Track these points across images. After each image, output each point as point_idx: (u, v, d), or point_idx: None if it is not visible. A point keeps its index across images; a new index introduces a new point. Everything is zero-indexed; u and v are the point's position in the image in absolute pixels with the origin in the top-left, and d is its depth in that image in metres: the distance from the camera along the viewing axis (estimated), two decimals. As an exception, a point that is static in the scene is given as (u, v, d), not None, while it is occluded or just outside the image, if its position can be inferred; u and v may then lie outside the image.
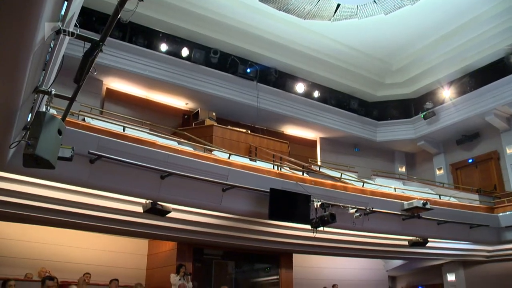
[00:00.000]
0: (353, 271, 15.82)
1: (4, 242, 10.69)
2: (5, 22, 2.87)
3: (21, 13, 2.81)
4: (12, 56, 3.27)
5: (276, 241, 11.00)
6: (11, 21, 2.88)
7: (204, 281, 12.03)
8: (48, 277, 7.49)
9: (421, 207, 10.13)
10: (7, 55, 3.27)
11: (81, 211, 8.54)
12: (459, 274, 15.30)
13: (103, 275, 10.68)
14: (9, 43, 3.11)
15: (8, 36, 3.03)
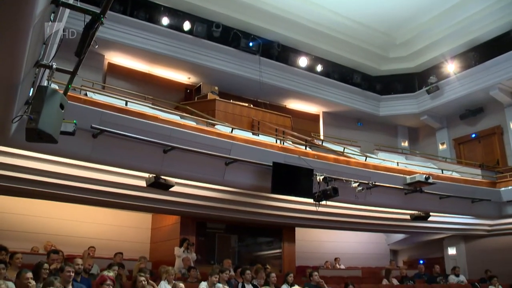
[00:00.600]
0: (355, 245, 15.97)
1: (11, 216, 10.82)
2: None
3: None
4: (11, 29, 3.24)
5: (279, 214, 11.07)
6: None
7: (207, 255, 12.18)
8: (53, 251, 7.62)
9: (423, 181, 10.14)
10: (6, 28, 3.24)
11: (85, 186, 8.59)
12: (459, 248, 15.45)
13: (107, 248, 10.81)
14: (9, 15, 3.08)
15: (7, 8, 3.00)
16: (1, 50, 3.54)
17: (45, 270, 6.12)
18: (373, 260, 15.92)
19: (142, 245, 12.59)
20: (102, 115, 6.96)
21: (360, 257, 15.67)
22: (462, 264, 14.68)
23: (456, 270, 12.61)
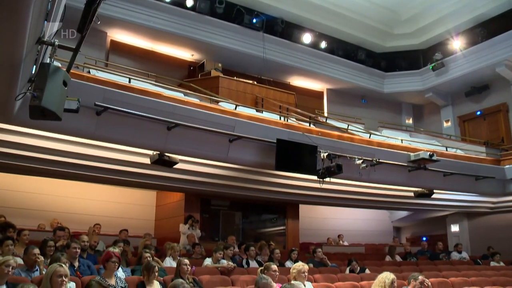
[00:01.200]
0: (359, 222, 16.07)
1: (18, 194, 10.93)
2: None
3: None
4: (12, 4, 3.21)
5: (283, 191, 11.11)
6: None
7: (211, 231, 12.28)
8: (59, 228, 7.71)
9: (427, 158, 10.11)
10: (7, 3, 3.20)
11: (89, 163, 8.63)
12: (462, 225, 15.52)
13: (112, 226, 10.92)
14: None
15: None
16: (3, 26, 3.51)
17: (50, 247, 6.20)
18: (377, 237, 16.05)
19: (147, 222, 12.71)
20: (105, 93, 6.93)
21: (364, 234, 15.79)
22: (465, 241, 14.77)
23: (459, 247, 12.69)
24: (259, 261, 8.34)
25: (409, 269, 9.17)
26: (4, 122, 6.70)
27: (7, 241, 6.04)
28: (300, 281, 5.58)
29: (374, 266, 9.33)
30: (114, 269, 5.38)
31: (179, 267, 5.89)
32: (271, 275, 5.59)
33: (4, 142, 7.56)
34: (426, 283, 6.33)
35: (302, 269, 5.96)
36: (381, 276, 5.77)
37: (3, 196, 10.79)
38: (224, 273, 7.09)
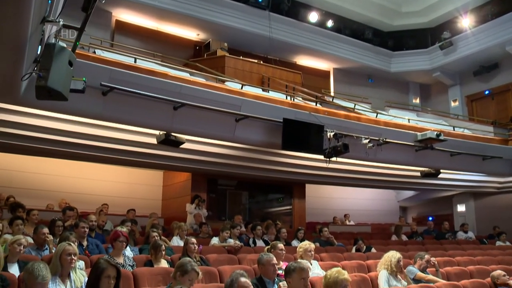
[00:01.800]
0: (365, 201, 16.09)
1: (26, 175, 11.02)
2: None
3: None
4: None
5: (289, 171, 11.13)
6: None
7: (218, 211, 12.35)
8: (68, 207, 7.77)
9: (434, 138, 10.05)
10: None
11: (96, 144, 8.67)
12: (469, 205, 15.51)
13: (120, 206, 11.00)
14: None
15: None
16: (7, 5, 3.49)
17: (59, 227, 6.26)
18: (383, 216, 16.09)
19: (154, 202, 12.80)
20: (111, 73, 6.91)
21: (370, 214, 15.83)
22: (471, 221, 14.77)
23: (465, 226, 12.69)
24: (266, 240, 8.39)
25: (415, 248, 9.20)
26: (11, 103, 6.72)
27: (17, 220, 6.12)
28: (306, 260, 5.61)
29: (380, 245, 9.37)
30: (122, 248, 5.43)
31: (186, 246, 5.93)
32: (278, 254, 5.63)
33: (12, 123, 7.59)
34: (432, 261, 6.37)
35: (309, 248, 5.99)
36: (387, 255, 5.79)
37: (12, 177, 10.90)
38: (231, 252, 7.14)
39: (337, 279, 3.99)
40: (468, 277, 6.74)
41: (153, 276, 4.94)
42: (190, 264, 3.98)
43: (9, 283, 3.90)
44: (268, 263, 4.64)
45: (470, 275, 7.02)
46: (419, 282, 5.82)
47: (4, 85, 5.65)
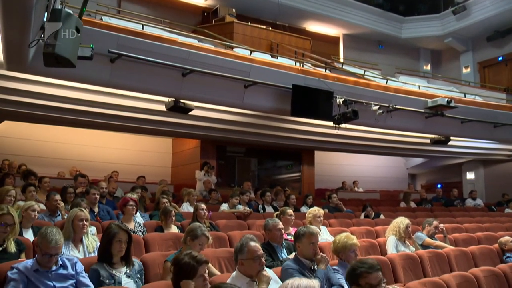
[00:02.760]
0: (374, 169, 16.10)
1: (37, 143, 11.12)
2: None
3: None
4: None
5: (298, 137, 11.12)
6: None
7: (227, 178, 12.44)
8: (80, 174, 7.84)
9: (445, 105, 9.93)
10: None
11: (106, 111, 8.68)
12: (478, 172, 15.46)
13: (130, 173, 11.11)
14: None
15: None
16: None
17: (70, 193, 6.33)
18: (392, 183, 16.11)
19: (163, 169, 12.90)
20: (119, 39, 6.83)
21: (379, 181, 15.86)
22: (480, 189, 14.76)
23: (473, 193, 12.69)
24: (275, 206, 8.45)
25: (423, 215, 9.23)
26: (19, 71, 6.71)
27: (30, 187, 6.20)
28: (315, 225, 5.64)
29: (389, 212, 9.42)
30: (132, 213, 5.50)
31: (196, 212, 5.99)
32: (287, 220, 5.68)
33: (21, 92, 7.61)
34: (440, 228, 6.39)
35: (318, 214, 6.02)
36: (396, 221, 5.81)
37: (23, 145, 11.01)
38: (240, 218, 7.21)
39: (346, 244, 4.02)
40: (476, 243, 6.77)
41: (163, 241, 5.01)
42: (200, 229, 4.02)
43: (25, 247, 3.99)
44: (275, 228, 4.67)
45: (478, 242, 7.05)
46: (427, 248, 5.86)
47: (11, 53, 5.64)
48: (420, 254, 5.26)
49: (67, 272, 3.30)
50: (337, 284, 3.69)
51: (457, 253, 5.65)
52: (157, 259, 4.02)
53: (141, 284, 3.46)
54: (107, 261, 3.48)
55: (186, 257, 2.92)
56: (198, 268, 2.87)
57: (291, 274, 3.35)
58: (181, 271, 2.87)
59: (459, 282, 4.30)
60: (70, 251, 4.04)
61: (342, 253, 4.06)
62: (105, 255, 3.50)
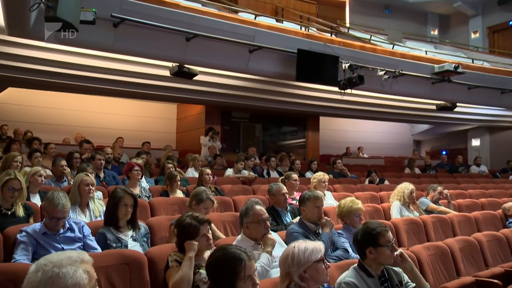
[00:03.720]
0: (379, 135, 16.07)
1: (42, 110, 11.12)
2: None
3: None
4: None
5: (303, 103, 11.07)
6: None
7: (232, 143, 12.46)
8: (85, 140, 7.86)
9: (452, 70, 9.82)
10: None
11: (110, 77, 8.65)
12: (484, 139, 15.41)
13: (135, 139, 11.13)
14: None
15: None
16: None
17: (76, 159, 6.36)
18: (396, 150, 16.11)
19: (168, 135, 12.92)
20: (122, 3, 6.72)
21: (383, 147, 15.85)
22: (485, 155, 14.73)
23: (478, 160, 12.67)
24: (280, 171, 8.47)
25: (428, 181, 9.25)
26: (21, 36, 6.66)
27: (36, 153, 6.23)
28: (320, 190, 5.65)
29: (393, 178, 9.44)
30: (138, 178, 5.52)
31: (201, 176, 6.01)
32: (292, 184, 5.69)
33: (23, 58, 7.58)
34: (444, 193, 6.40)
35: (323, 179, 6.03)
36: (400, 186, 5.82)
37: (28, 112, 11.03)
38: (245, 183, 7.24)
39: (350, 208, 4.04)
40: (480, 209, 6.81)
41: (169, 205, 5.04)
42: (205, 193, 4.04)
43: (33, 211, 4.03)
44: (278, 193, 4.68)
45: (481, 207, 7.08)
46: (431, 213, 5.88)
47: (13, 18, 5.58)
48: (424, 219, 5.29)
49: (74, 235, 3.34)
50: (341, 247, 3.73)
51: (461, 218, 5.69)
52: (163, 222, 4.05)
53: (148, 247, 3.49)
54: (114, 225, 3.51)
55: (188, 218, 2.94)
56: (200, 228, 2.89)
57: (296, 237, 3.37)
58: (184, 232, 2.89)
59: (462, 246, 4.35)
60: (77, 216, 4.07)
61: (347, 217, 4.08)
62: (111, 219, 3.53)
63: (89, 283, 1.45)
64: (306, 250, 2.40)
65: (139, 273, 2.94)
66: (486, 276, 3.91)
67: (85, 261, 1.48)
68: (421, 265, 3.73)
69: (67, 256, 1.47)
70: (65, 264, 1.43)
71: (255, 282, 2.04)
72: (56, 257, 1.46)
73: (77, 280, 1.41)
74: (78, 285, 1.41)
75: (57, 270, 1.40)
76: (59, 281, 1.39)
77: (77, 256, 1.47)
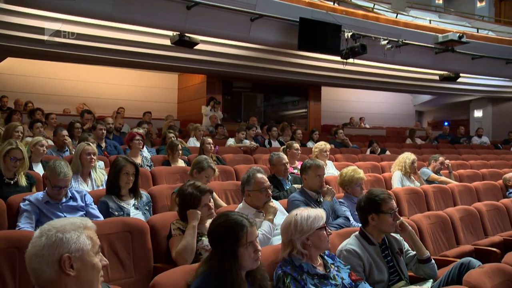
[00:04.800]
0: (381, 105, 16.01)
1: (43, 80, 11.06)
2: None
3: None
4: None
5: (305, 73, 11.00)
6: None
7: (233, 113, 12.43)
8: (86, 111, 7.86)
9: (456, 40, 9.70)
10: None
11: (110, 46, 8.58)
12: (486, 110, 15.34)
13: (136, 109, 11.09)
14: None
15: None
16: None
17: (77, 129, 6.35)
18: (398, 120, 16.08)
19: (169, 105, 12.88)
20: (119, -30, 6.62)
21: (385, 117, 15.82)
22: (487, 127, 14.69)
23: (479, 130, 12.65)
24: (281, 141, 8.46)
25: (429, 151, 9.25)
26: (19, 4, 6.56)
27: (37, 123, 6.23)
28: (321, 160, 5.66)
29: (395, 148, 9.45)
30: (139, 148, 5.52)
31: (202, 146, 6.01)
32: (293, 154, 5.69)
33: (22, 27, 7.49)
34: (446, 164, 6.41)
35: (324, 148, 6.03)
36: (402, 156, 5.83)
37: (28, 82, 10.98)
38: (247, 152, 7.25)
39: (352, 178, 4.04)
40: (480, 180, 6.84)
41: (170, 174, 5.06)
42: (206, 161, 4.05)
43: (35, 180, 4.04)
44: (279, 163, 4.67)
45: (482, 178, 7.11)
46: (432, 183, 5.91)
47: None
48: (424, 188, 5.31)
49: (76, 204, 3.36)
50: (342, 215, 3.75)
51: (461, 188, 5.71)
52: (165, 191, 4.07)
53: (150, 215, 3.52)
54: (116, 194, 3.52)
55: (189, 187, 2.95)
56: (202, 198, 2.90)
57: (297, 205, 3.38)
58: (185, 201, 2.90)
59: (462, 216, 4.38)
60: (79, 185, 4.08)
61: (348, 186, 4.09)
62: (113, 188, 3.54)
63: (92, 248, 1.47)
64: (309, 218, 2.42)
65: (142, 241, 2.97)
66: (485, 245, 3.95)
67: (88, 227, 1.50)
68: (421, 234, 3.76)
69: (71, 222, 1.49)
70: (69, 229, 1.45)
71: (257, 248, 2.05)
72: (59, 223, 1.48)
73: (80, 246, 1.43)
74: (82, 250, 1.43)
75: (60, 235, 1.42)
76: (63, 246, 1.41)
77: (80, 222, 1.49)
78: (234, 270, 1.99)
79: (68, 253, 1.41)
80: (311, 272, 2.36)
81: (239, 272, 2.01)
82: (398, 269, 2.78)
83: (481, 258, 2.97)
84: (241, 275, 2.01)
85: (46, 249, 1.41)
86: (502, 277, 2.42)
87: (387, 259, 2.78)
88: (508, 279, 2.44)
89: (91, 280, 1.45)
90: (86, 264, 1.44)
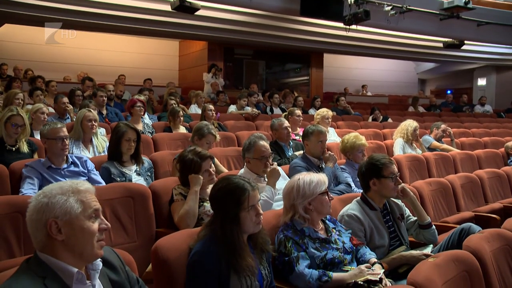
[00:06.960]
0: (383, 73, 15.89)
1: (42, 48, 10.92)
2: None
3: None
4: None
5: (307, 39, 10.88)
6: None
7: (235, 80, 12.38)
8: (87, 78, 7.82)
9: (462, 6, 9.52)
10: None
11: (109, 12, 8.51)
12: (490, 79, 15.20)
13: (137, 76, 11.04)
14: None
15: None
16: None
17: (79, 96, 6.32)
18: (401, 88, 15.98)
19: (170, 72, 12.81)
20: None
21: (388, 85, 15.72)
22: (491, 95, 14.60)
23: (482, 99, 12.56)
24: (283, 108, 8.44)
25: (431, 119, 9.20)
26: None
27: (37, 91, 6.22)
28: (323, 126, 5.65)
29: (397, 116, 9.41)
30: (140, 114, 5.50)
31: (204, 112, 6.00)
32: (295, 120, 5.68)
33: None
34: (448, 131, 6.39)
35: (326, 115, 6.01)
36: (404, 123, 5.80)
37: (28, 50, 10.88)
38: (248, 119, 7.24)
39: (354, 144, 4.03)
40: (482, 147, 6.84)
41: (172, 141, 5.06)
42: (207, 128, 4.04)
43: (36, 147, 4.05)
44: (281, 127, 4.68)
45: (484, 146, 7.10)
46: (433, 150, 5.90)
47: None
48: (426, 156, 5.31)
49: (78, 170, 3.36)
50: (344, 182, 3.76)
51: (463, 156, 5.71)
52: (166, 157, 4.08)
53: (151, 181, 3.53)
54: (117, 160, 3.52)
55: (190, 153, 2.95)
56: (202, 164, 2.90)
57: (299, 171, 3.36)
58: (186, 167, 2.91)
59: (463, 183, 4.39)
60: (81, 151, 4.08)
61: (350, 152, 4.08)
62: (115, 154, 3.55)
63: (83, 212, 1.45)
64: (311, 183, 2.42)
65: (144, 206, 2.99)
66: (485, 212, 3.98)
67: (80, 191, 1.47)
68: (422, 200, 3.78)
69: (59, 186, 1.48)
70: (55, 194, 1.44)
71: (259, 212, 2.06)
72: (49, 188, 1.48)
73: (67, 209, 1.42)
74: (69, 214, 1.42)
75: (46, 200, 1.42)
76: (48, 211, 1.41)
77: (70, 186, 1.47)
78: (236, 234, 1.99)
79: (54, 218, 1.41)
80: (312, 236, 2.37)
81: (240, 236, 2.01)
82: (399, 234, 2.80)
83: (481, 224, 2.99)
84: (242, 238, 2.01)
85: (35, 214, 1.42)
86: (501, 242, 2.45)
87: (388, 224, 2.79)
88: (506, 244, 2.46)
89: (82, 244, 1.44)
90: (75, 228, 1.43)
